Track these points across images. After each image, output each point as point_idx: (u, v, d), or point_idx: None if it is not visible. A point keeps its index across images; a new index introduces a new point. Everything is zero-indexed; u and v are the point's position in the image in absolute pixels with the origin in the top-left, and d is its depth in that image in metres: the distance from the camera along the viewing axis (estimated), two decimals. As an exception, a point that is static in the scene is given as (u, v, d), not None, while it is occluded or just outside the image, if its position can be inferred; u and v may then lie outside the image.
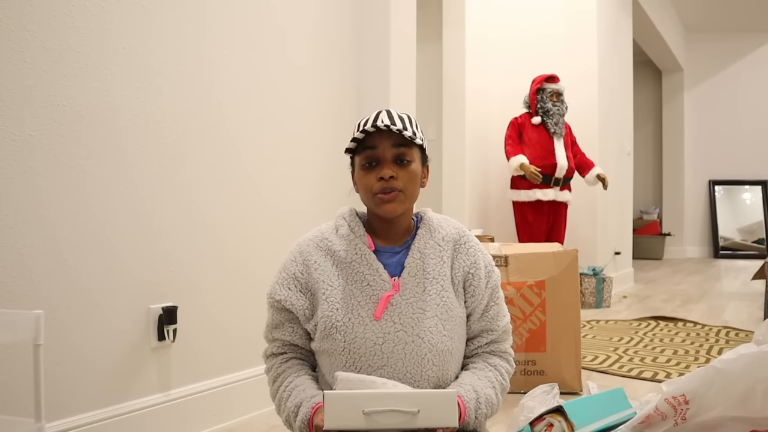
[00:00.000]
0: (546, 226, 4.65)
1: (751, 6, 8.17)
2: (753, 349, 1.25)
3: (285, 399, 1.29)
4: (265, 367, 1.41)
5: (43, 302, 1.66)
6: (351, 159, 1.37)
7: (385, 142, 1.29)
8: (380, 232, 1.36)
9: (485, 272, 1.37)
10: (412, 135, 1.29)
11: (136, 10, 1.92)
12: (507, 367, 1.38)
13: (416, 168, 1.32)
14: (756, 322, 4.11)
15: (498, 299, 1.39)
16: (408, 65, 2.96)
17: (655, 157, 9.81)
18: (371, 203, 1.32)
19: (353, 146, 1.32)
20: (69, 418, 1.73)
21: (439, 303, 1.30)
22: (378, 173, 1.29)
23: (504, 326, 1.40)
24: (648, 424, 1.34)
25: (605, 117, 5.40)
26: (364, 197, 1.34)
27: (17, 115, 1.62)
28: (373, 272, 1.30)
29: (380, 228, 1.36)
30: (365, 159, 1.31)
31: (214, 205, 2.18)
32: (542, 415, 1.52)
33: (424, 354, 1.26)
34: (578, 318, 2.61)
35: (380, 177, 1.28)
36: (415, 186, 1.32)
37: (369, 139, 1.29)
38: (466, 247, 1.37)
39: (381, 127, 1.27)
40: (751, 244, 9.14)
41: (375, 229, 1.37)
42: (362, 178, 1.32)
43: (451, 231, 1.38)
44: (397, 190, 1.29)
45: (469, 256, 1.36)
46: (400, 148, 1.29)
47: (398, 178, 1.29)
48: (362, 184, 1.32)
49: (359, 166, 1.32)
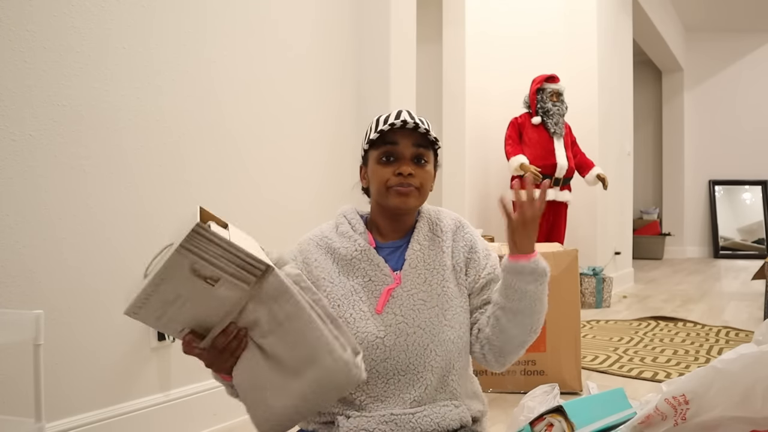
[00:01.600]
0: (546, 226, 4.66)
1: (751, 6, 8.17)
2: (753, 349, 1.25)
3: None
4: None
5: (43, 302, 1.66)
6: (364, 153, 1.37)
7: (406, 140, 1.30)
8: (383, 229, 1.36)
9: (483, 255, 1.39)
10: (435, 138, 1.32)
11: (136, 10, 1.92)
12: None
13: (431, 170, 1.34)
14: (756, 322, 4.11)
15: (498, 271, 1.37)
16: (408, 65, 2.96)
17: (655, 157, 9.82)
18: (383, 195, 1.32)
19: (375, 137, 1.32)
20: (69, 418, 1.73)
21: (440, 293, 1.31)
22: (396, 168, 1.30)
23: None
24: (648, 424, 1.34)
25: (605, 117, 5.40)
26: (375, 190, 1.33)
27: (17, 115, 1.62)
28: (375, 267, 1.30)
29: (384, 224, 1.36)
30: (383, 153, 1.31)
31: (214, 205, 2.18)
32: (542, 415, 1.52)
33: (426, 344, 1.26)
34: (578, 318, 2.62)
35: (398, 173, 1.29)
36: (429, 185, 1.34)
37: (390, 135, 1.31)
38: (463, 233, 1.39)
39: (408, 124, 1.28)
40: (751, 244, 9.14)
41: (378, 226, 1.37)
42: (378, 170, 1.32)
43: (450, 222, 1.40)
44: (414, 187, 1.30)
45: (466, 241, 1.38)
46: (419, 148, 1.31)
47: (416, 176, 1.30)
48: (377, 176, 1.32)
49: (375, 159, 1.32)
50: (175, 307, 1.02)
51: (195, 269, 0.99)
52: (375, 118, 1.36)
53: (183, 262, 0.99)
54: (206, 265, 1.00)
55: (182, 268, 0.99)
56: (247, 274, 1.03)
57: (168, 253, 1.01)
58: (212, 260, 1.00)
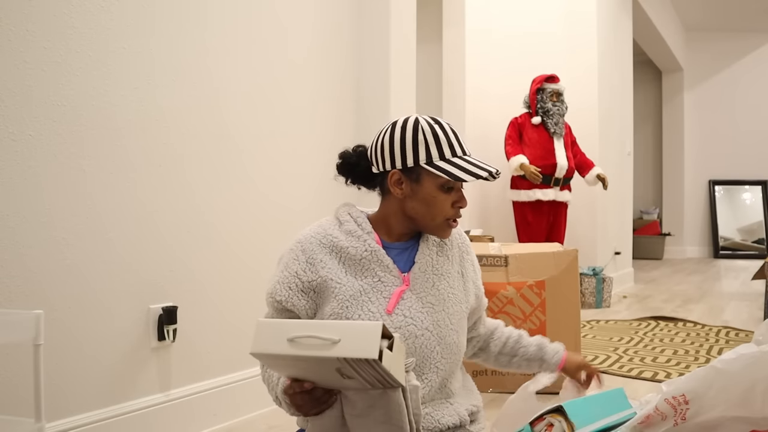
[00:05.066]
0: (546, 226, 4.66)
1: (751, 6, 8.17)
2: (753, 349, 1.25)
3: (271, 375, 1.30)
4: None
5: (43, 302, 1.66)
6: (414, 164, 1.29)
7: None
8: (394, 231, 1.35)
9: (479, 270, 1.48)
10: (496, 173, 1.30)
11: (136, 10, 1.92)
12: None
13: None
14: (756, 322, 4.11)
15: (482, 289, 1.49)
16: (408, 65, 2.96)
17: (655, 157, 9.81)
18: (435, 224, 1.32)
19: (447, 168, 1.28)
20: (69, 418, 1.73)
21: (446, 298, 1.33)
22: (455, 200, 1.31)
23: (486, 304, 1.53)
24: (648, 424, 1.34)
25: (605, 117, 5.40)
26: (428, 214, 1.31)
27: (17, 115, 1.62)
28: (384, 268, 1.30)
29: (398, 228, 1.35)
30: (448, 182, 1.30)
31: (214, 205, 2.18)
32: (542, 415, 1.52)
33: (433, 347, 1.28)
34: (578, 318, 2.61)
35: (459, 205, 1.31)
36: None
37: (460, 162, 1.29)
38: (466, 245, 1.45)
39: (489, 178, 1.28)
40: (751, 244, 9.14)
41: (389, 227, 1.36)
42: (439, 198, 1.30)
43: (454, 232, 1.42)
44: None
45: (470, 256, 1.45)
46: None
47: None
48: (438, 205, 1.30)
49: (437, 186, 1.29)
50: (299, 368, 1.10)
51: (340, 370, 1.05)
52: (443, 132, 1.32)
53: (334, 364, 1.04)
54: (353, 372, 1.05)
55: (330, 364, 1.04)
56: (380, 385, 1.08)
57: (322, 349, 1.04)
58: (361, 373, 1.05)
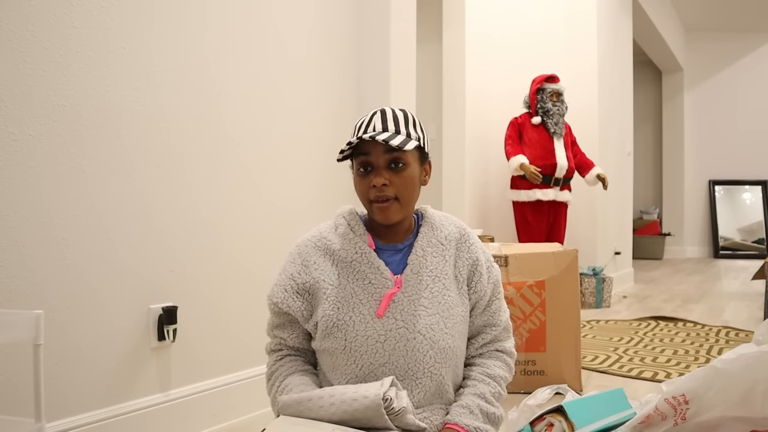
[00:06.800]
0: (546, 226, 4.66)
1: (751, 6, 8.17)
2: (753, 349, 1.25)
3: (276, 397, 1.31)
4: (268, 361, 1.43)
5: (43, 302, 1.66)
6: (351, 160, 1.35)
7: (378, 148, 1.26)
8: (381, 232, 1.36)
9: (486, 267, 1.38)
10: (403, 141, 1.25)
11: (136, 10, 1.92)
12: (506, 376, 1.40)
13: (412, 171, 1.29)
14: (756, 322, 4.11)
15: (499, 294, 1.41)
16: (408, 65, 2.96)
17: (655, 157, 9.81)
18: (368, 209, 1.32)
19: (349, 152, 1.29)
20: (69, 418, 1.73)
21: (441, 301, 1.30)
22: (371, 180, 1.27)
23: (505, 321, 1.42)
24: (648, 424, 1.34)
25: (605, 117, 5.40)
26: (361, 202, 1.34)
27: (17, 115, 1.62)
28: (375, 270, 1.29)
29: (381, 228, 1.36)
30: (360, 164, 1.29)
31: (214, 205, 2.18)
32: (542, 415, 1.52)
33: (425, 351, 1.26)
34: (578, 318, 2.61)
35: (372, 185, 1.26)
36: (411, 191, 1.30)
37: (362, 144, 1.27)
38: (467, 245, 1.38)
39: (366, 139, 1.24)
40: (751, 244, 9.14)
41: (376, 228, 1.37)
42: (358, 183, 1.30)
43: (453, 230, 1.38)
44: (392, 198, 1.27)
45: (471, 253, 1.37)
46: (392, 153, 1.26)
47: (391, 184, 1.26)
48: (358, 189, 1.31)
49: (355, 170, 1.31)
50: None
51: None
52: (363, 119, 1.32)
53: None
54: None
55: None
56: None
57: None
58: None
